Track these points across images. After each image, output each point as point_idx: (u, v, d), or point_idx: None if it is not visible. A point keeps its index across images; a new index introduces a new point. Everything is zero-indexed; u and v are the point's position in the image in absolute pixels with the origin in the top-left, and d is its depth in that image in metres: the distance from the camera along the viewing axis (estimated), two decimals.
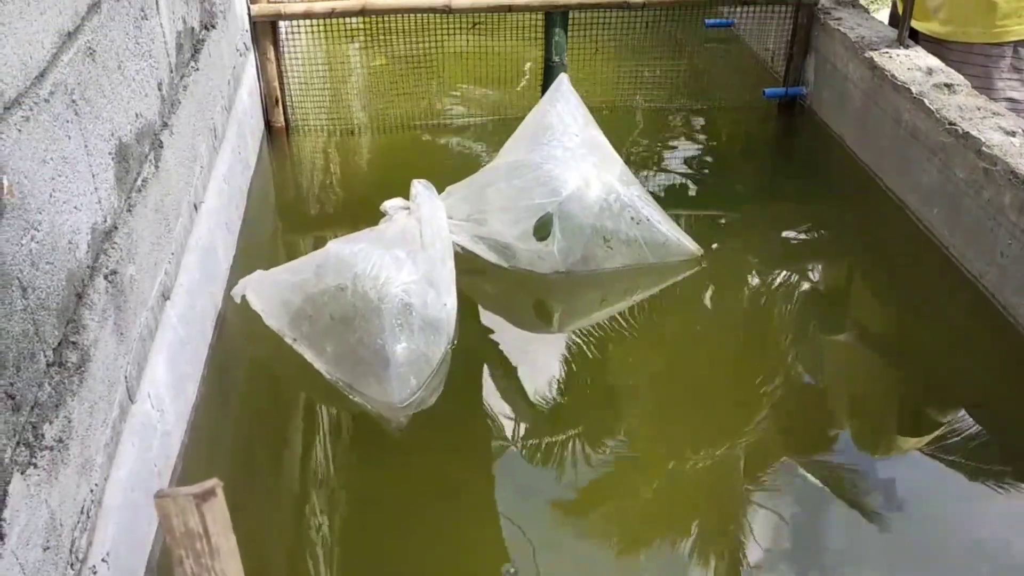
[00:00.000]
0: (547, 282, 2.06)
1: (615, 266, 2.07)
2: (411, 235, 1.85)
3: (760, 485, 1.59)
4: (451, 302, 1.82)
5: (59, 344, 1.18)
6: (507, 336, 1.99)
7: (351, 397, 1.73)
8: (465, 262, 1.93)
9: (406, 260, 1.78)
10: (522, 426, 1.73)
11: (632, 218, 2.04)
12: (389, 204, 1.97)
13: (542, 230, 2.01)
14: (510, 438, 1.70)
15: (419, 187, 1.96)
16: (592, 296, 2.09)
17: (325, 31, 2.70)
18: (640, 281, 2.09)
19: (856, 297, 2.16)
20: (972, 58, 2.30)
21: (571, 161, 2.04)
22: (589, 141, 2.10)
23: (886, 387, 1.84)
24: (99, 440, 1.26)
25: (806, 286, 2.14)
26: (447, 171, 2.21)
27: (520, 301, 2.10)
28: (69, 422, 1.16)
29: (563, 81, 2.19)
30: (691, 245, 2.10)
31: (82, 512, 1.18)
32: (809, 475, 1.61)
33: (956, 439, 1.66)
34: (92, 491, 1.23)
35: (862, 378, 1.87)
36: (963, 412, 1.73)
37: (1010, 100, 2.24)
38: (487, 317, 2.02)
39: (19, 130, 1.08)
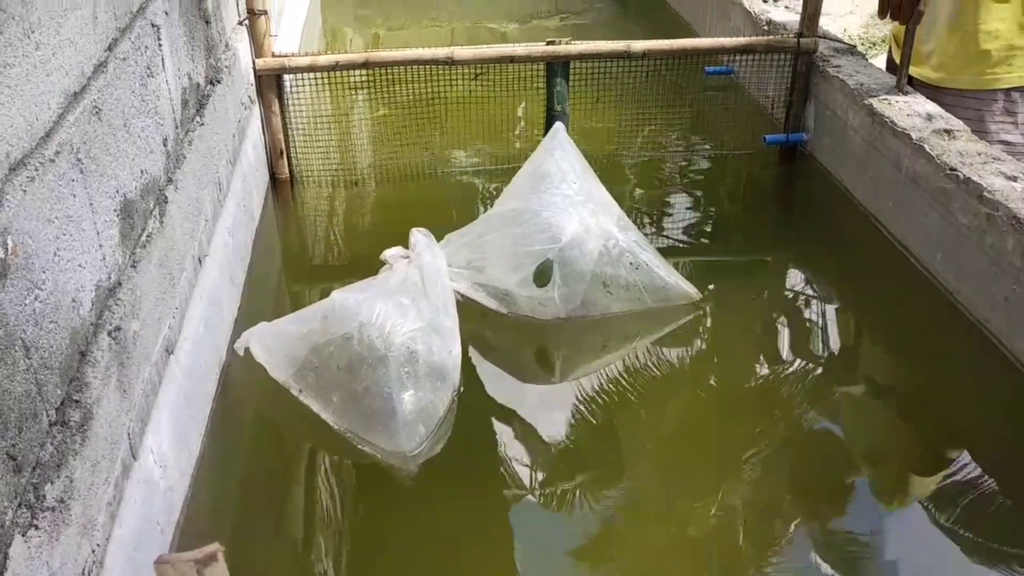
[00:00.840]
0: (548, 328, 2.07)
1: (615, 311, 2.08)
2: (413, 283, 1.87)
3: (768, 541, 1.56)
4: (456, 349, 1.83)
5: (62, 403, 1.17)
6: (511, 384, 1.99)
7: (359, 447, 1.72)
8: (465, 309, 1.94)
9: (410, 308, 1.80)
10: (530, 476, 1.72)
11: (631, 263, 2.06)
12: (389, 253, 1.99)
13: (542, 276, 2.03)
14: (520, 487, 1.69)
15: (418, 236, 1.98)
16: (594, 342, 2.09)
17: (329, 83, 2.72)
18: (640, 326, 2.10)
19: (860, 343, 2.15)
20: (964, 102, 2.32)
21: (570, 208, 2.06)
22: (586, 188, 2.14)
23: (893, 436, 1.83)
24: (101, 499, 1.25)
25: (808, 332, 2.14)
26: (449, 219, 2.22)
27: (522, 348, 2.11)
28: (71, 482, 1.16)
29: (559, 130, 2.23)
30: (689, 289, 2.11)
31: (84, 573, 1.17)
32: (818, 531, 1.59)
33: (966, 489, 1.64)
34: (94, 551, 1.22)
35: (868, 427, 1.85)
36: (973, 461, 1.70)
37: (1004, 143, 2.25)
38: (490, 364, 2.02)
39: (24, 191, 1.09)
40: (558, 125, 2.25)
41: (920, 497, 1.68)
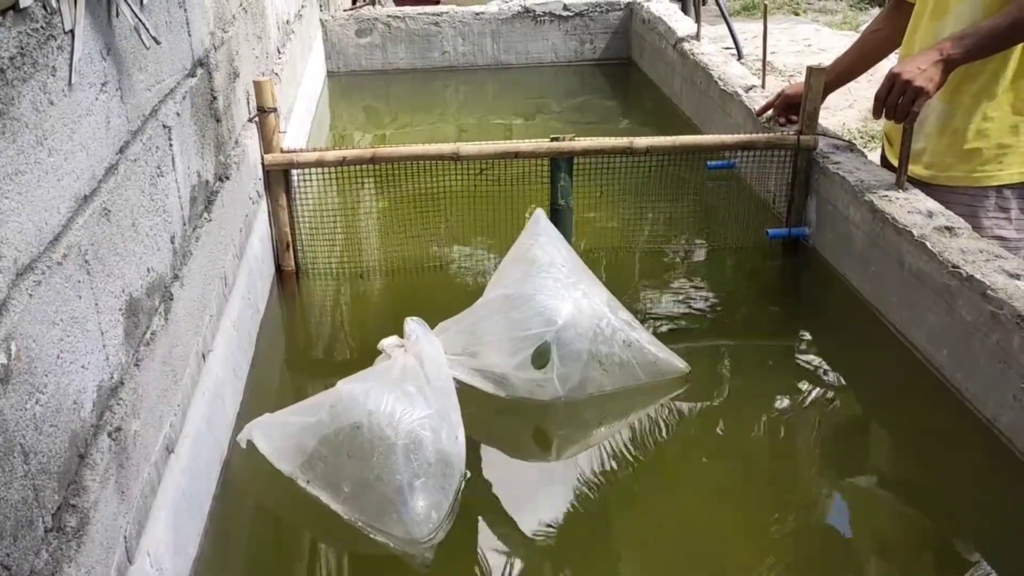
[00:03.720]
0: (547, 409, 2.10)
1: (610, 389, 2.13)
2: (414, 372, 1.88)
3: None
4: (461, 435, 1.85)
5: (58, 508, 1.16)
6: (517, 466, 2.04)
7: (372, 536, 1.71)
8: (463, 394, 1.95)
9: (417, 396, 1.81)
10: (543, 556, 1.73)
11: (624, 341, 2.13)
12: (386, 343, 2.00)
13: (540, 358, 2.06)
14: (535, 568, 1.70)
15: (413, 324, 2.01)
16: (593, 420, 2.13)
17: (336, 178, 2.77)
18: (636, 401, 2.15)
19: (865, 438, 2.13)
20: (956, 199, 2.34)
21: (562, 291, 2.13)
22: (575, 271, 2.21)
23: (898, 534, 1.79)
24: None
25: (811, 425, 2.12)
26: (454, 311, 2.24)
27: (524, 429, 2.13)
28: None
29: (540, 217, 2.31)
30: (679, 363, 2.19)
31: None
32: None
33: None
34: None
35: (871, 524, 1.82)
36: (982, 562, 1.67)
37: (999, 239, 2.27)
38: (494, 448, 2.04)
39: (31, 295, 1.10)
40: (539, 212, 2.33)
41: None
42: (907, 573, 1.71)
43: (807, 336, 2.52)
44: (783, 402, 2.20)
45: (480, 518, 1.81)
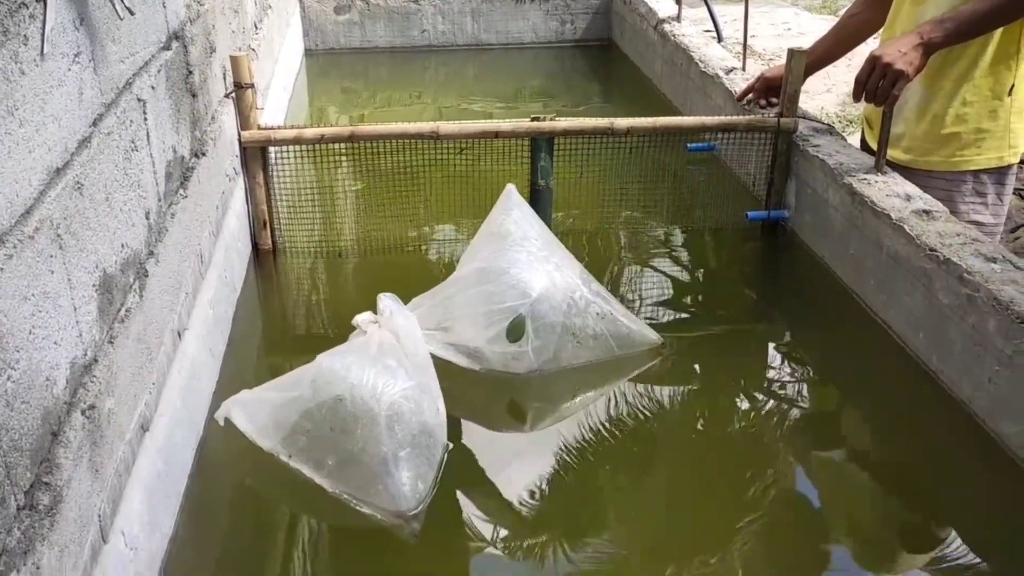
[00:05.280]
0: (522, 382, 2.11)
1: (584, 361, 2.15)
2: (391, 346, 1.88)
3: None
4: (441, 407, 1.85)
5: (31, 486, 1.14)
6: (497, 437, 2.05)
7: (358, 508, 1.71)
8: (437, 369, 1.95)
9: (397, 369, 1.82)
10: (528, 522, 1.76)
11: (597, 313, 2.15)
12: (360, 319, 1.99)
13: (515, 331, 2.07)
14: (521, 533, 1.72)
15: (387, 300, 2.00)
16: (568, 391, 2.15)
17: (314, 156, 2.74)
18: (610, 373, 2.17)
19: (839, 419, 2.14)
20: (934, 183, 2.35)
21: (535, 264, 2.14)
22: (548, 245, 2.22)
23: (872, 513, 1.81)
24: None
25: (785, 404, 2.13)
26: (430, 287, 2.24)
27: (501, 402, 2.15)
28: (37, 568, 1.12)
29: (512, 191, 2.31)
30: (652, 335, 2.22)
31: None
32: None
33: (947, 566, 1.63)
34: None
35: (845, 500, 1.84)
36: (954, 540, 1.69)
37: (976, 223, 2.28)
38: (473, 420, 2.06)
39: (1, 269, 1.07)
40: (510, 187, 2.33)
41: (897, 571, 1.67)
42: (879, 549, 1.72)
43: (783, 317, 2.53)
44: (757, 380, 2.22)
45: (464, 488, 1.82)
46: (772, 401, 2.13)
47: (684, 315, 2.53)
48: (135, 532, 1.45)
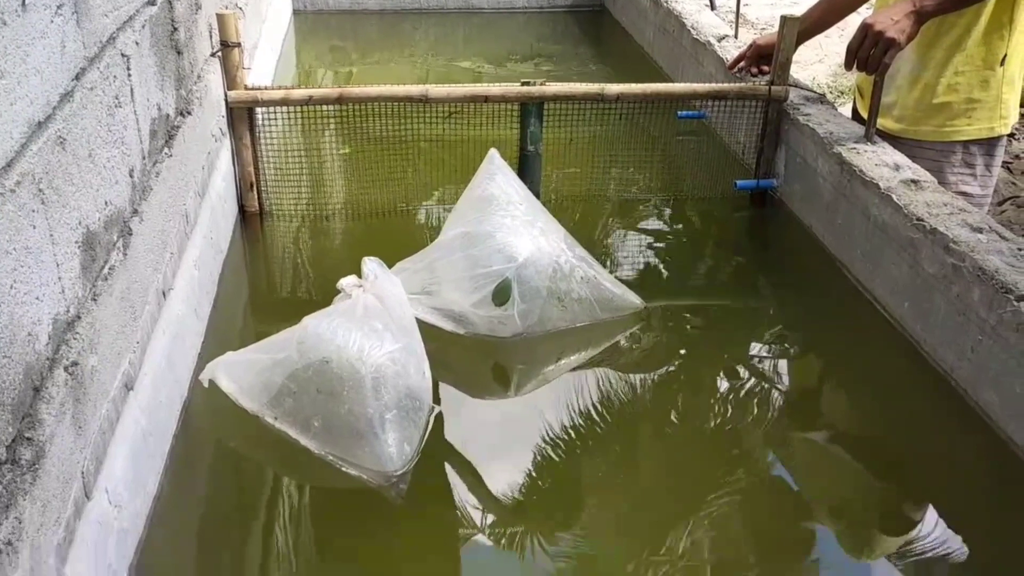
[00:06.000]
0: (507, 345, 2.12)
1: (568, 325, 2.16)
2: (377, 310, 1.87)
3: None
4: (427, 370, 1.86)
5: (13, 441, 1.14)
6: (481, 402, 2.07)
7: (345, 470, 1.72)
8: (422, 333, 1.95)
9: (384, 332, 1.82)
10: (515, 488, 1.76)
11: (581, 277, 2.16)
12: (345, 282, 1.98)
13: (501, 295, 2.08)
14: (507, 494, 1.74)
15: (371, 264, 1.99)
16: (552, 356, 2.16)
17: (302, 117, 2.71)
18: (594, 337, 2.19)
19: (821, 387, 2.16)
20: (924, 153, 2.36)
21: (521, 228, 2.15)
22: (532, 209, 2.23)
23: (854, 482, 1.82)
24: (51, 541, 1.21)
25: (768, 371, 2.15)
26: (416, 251, 2.23)
27: (486, 365, 2.16)
28: (19, 523, 1.11)
29: (494, 155, 2.30)
30: (635, 299, 2.24)
31: None
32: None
33: (927, 537, 1.64)
34: None
35: (826, 471, 1.85)
36: (936, 509, 1.71)
37: (963, 195, 2.29)
38: (457, 384, 2.07)
39: None
40: (493, 151, 2.32)
41: (878, 546, 1.68)
42: (861, 519, 1.74)
43: (769, 286, 2.54)
44: (741, 348, 2.23)
45: (450, 450, 1.84)
46: (755, 369, 2.14)
47: (669, 283, 2.54)
48: (119, 490, 1.45)
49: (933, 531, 1.66)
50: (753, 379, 2.11)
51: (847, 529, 1.72)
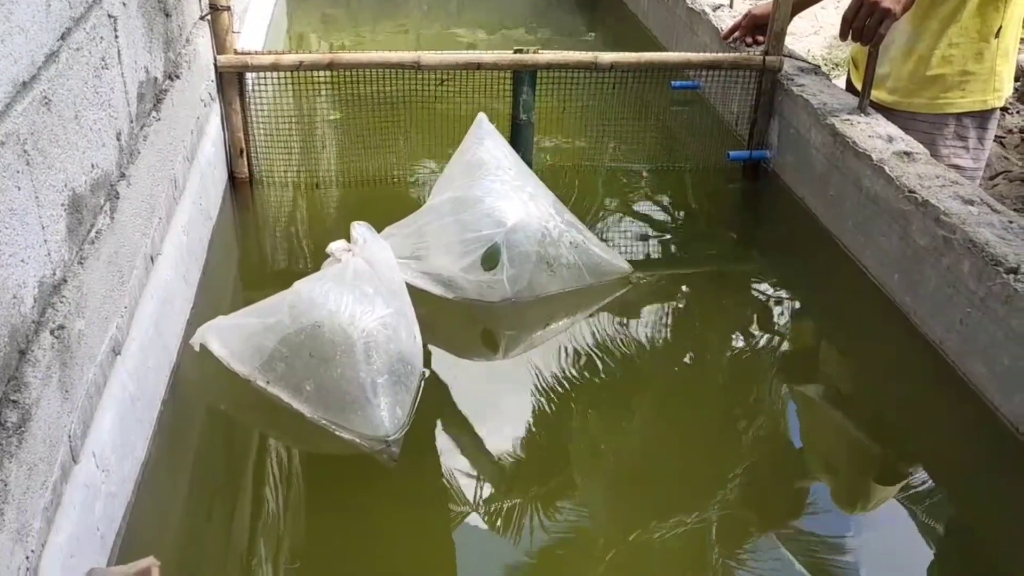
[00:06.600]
0: (496, 310, 2.13)
1: (557, 290, 2.17)
2: (367, 274, 1.87)
3: (725, 547, 1.56)
4: (418, 334, 1.87)
5: None
6: (471, 366, 2.09)
7: (337, 434, 1.72)
8: (412, 297, 1.95)
9: (375, 296, 1.81)
10: (506, 450, 1.78)
11: (570, 242, 2.17)
12: (334, 247, 1.97)
13: (490, 260, 2.08)
14: (500, 456, 1.76)
15: (361, 228, 1.99)
16: (542, 321, 2.17)
17: (292, 83, 2.69)
18: (583, 302, 2.20)
19: (810, 357, 2.16)
20: (917, 125, 2.35)
21: (510, 193, 2.15)
22: (521, 174, 2.22)
23: (841, 450, 1.84)
24: (37, 504, 1.21)
25: (757, 338, 2.15)
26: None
27: (476, 329, 2.17)
28: (5, 485, 1.11)
29: (483, 120, 2.29)
30: (623, 264, 2.25)
31: None
32: (774, 536, 1.59)
33: (913, 506, 1.65)
34: (28, 558, 1.17)
35: (816, 442, 1.86)
36: (922, 479, 1.73)
37: (955, 167, 2.28)
38: (449, 347, 2.08)
39: None
40: (481, 116, 2.31)
41: (866, 507, 1.71)
42: (846, 485, 1.75)
43: (760, 257, 2.54)
44: (730, 318, 2.24)
45: (441, 414, 1.85)
46: (743, 339, 2.15)
47: (659, 250, 2.54)
48: (106, 454, 1.45)
49: (919, 496, 1.67)
50: (741, 346, 2.12)
51: (836, 491, 1.73)
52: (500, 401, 1.92)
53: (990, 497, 1.68)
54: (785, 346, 2.15)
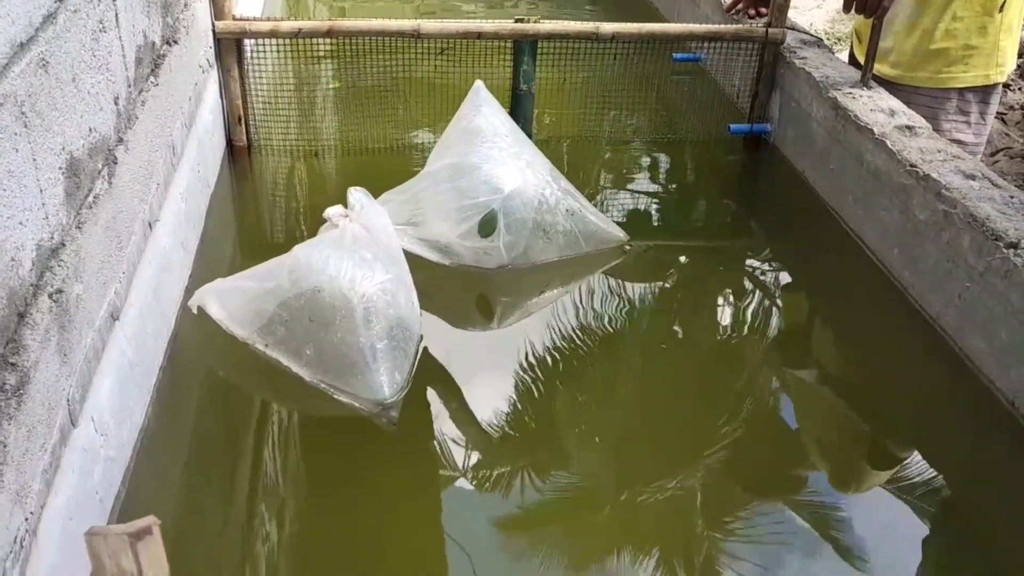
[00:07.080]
0: (493, 277, 2.15)
1: (553, 257, 2.18)
2: (365, 239, 1.87)
3: (716, 519, 1.57)
4: (415, 300, 1.87)
5: None
6: (468, 332, 2.11)
7: (337, 398, 1.73)
8: (409, 263, 1.95)
9: (374, 262, 1.82)
10: (502, 413, 1.80)
11: (567, 210, 2.18)
12: (331, 212, 1.97)
13: (487, 227, 2.09)
14: (497, 423, 1.77)
15: (357, 194, 1.98)
16: (538, 288, 2.19)
17: (291, 51, 2.67)
18: (578, 270, 2.22)
19: (809, 334, 2.17)
20: (919, 99, 2.34)
21: (507, 160, 2.15)
22: (518, 141, 2.22)
23: (838, 426, 1.85)
24: (36, 466, 1.21)
25: (755, 317, 2.15)
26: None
27: (473, 295, 2.18)
28: (4, 447, 1.11)
29: (480, 87, 2.29)
30: (619, 232, 2.26)
31: (15, 542, 1.13)
32: (771, 509, 1.60)
33: (909, 480, 1.67)
34: (27, 519, 1.17)
35: (812, 417, 1.87)
36: (918, 455, 1.73)
37: (957, 142, 2.27)
38: (444, 314, 2.09)
39: None
40: (478, 83, 2.30)
41: (861, 483, 1.72)
42: (843, 461, 1.76)
43: (759, 230, 2.54)
44: (727, 290, 2.25)
45: (439, 379, 1.86)
46: (740, 311, 2.15)
47: (657, 221, 2.54)
48: (105, 419, 1.45)
49: (915, 471, 1.68)
50: (738, 321, 2.12)
51: (830, 465, 1.74)
52: (496, 366, 1.93)
53: (984, 471, 1.69)
54: (781, 319, 2.15)
